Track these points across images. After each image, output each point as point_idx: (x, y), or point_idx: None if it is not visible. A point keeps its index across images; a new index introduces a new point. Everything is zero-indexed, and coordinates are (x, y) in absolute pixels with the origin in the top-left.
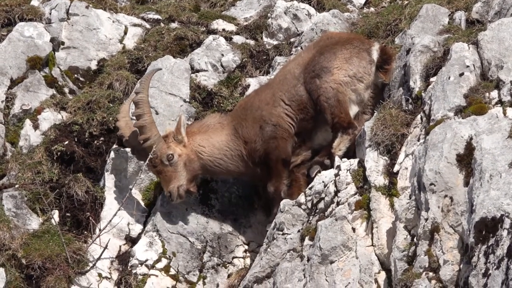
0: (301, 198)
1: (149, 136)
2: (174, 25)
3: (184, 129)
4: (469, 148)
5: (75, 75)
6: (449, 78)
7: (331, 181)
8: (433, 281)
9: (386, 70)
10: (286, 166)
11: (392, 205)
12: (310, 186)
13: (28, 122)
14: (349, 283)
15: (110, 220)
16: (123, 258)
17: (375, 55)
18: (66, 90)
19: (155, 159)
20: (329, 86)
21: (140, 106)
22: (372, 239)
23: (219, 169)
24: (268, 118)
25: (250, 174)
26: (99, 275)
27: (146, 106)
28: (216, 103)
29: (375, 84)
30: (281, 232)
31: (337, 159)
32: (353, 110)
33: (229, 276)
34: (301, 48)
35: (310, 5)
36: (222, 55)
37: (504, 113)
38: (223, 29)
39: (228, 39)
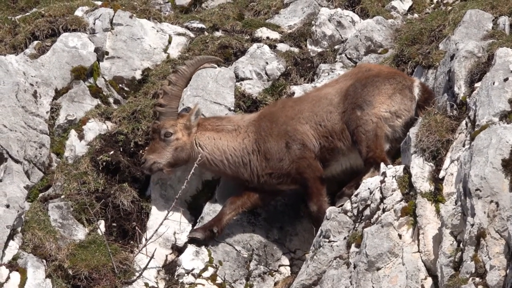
0: (347, 205)
1: (166, 104)
2: (218, 33)
3: (195, 118)
4: None
5: (120, 85)
6: (493, 83)
7: (377, 188)
8: (480, 287)
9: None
10: (323, 183)
11: (438, 211)
12: (356, 193)
13: (73, 133)
14: None
15: (156, 230)
16: (169, 268)
17: (416, 91)
18: (111, 100)
19: (157, 126)
20: (369, 119)
21: (177, 76)
22: (418, 245)
23: (214, 168)
24: (293, 134)
25: (248, 182)
26: (146, 284)
27: (182, 80)
28: None
29: (413, 119)
30: (327, 240)
31: (382, 165)
32: (385, 147)
33: (275, 284)
34: (346, 55)
35: (354, 12)
36: (267, 63)
37: None
38: (267, 37)
39: (272, 47)
